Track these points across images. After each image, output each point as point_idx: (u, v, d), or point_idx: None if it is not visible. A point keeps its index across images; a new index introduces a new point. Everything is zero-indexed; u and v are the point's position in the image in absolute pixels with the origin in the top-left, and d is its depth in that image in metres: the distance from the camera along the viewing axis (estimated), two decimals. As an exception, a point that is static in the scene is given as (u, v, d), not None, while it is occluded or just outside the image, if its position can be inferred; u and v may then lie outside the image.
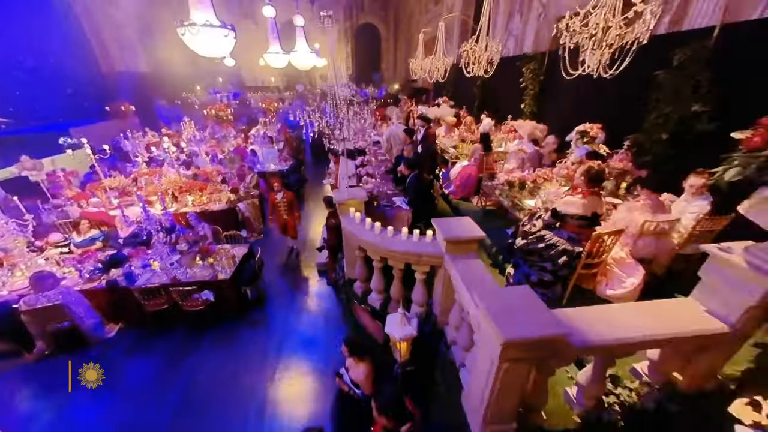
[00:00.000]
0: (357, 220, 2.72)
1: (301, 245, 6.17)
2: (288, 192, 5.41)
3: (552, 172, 3.36)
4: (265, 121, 13.58)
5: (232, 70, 19.65)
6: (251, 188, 7.24)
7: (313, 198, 8.89)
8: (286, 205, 5.36)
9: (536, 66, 5.54)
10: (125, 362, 3.78)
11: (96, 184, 6.20)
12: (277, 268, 5.51)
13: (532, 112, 5.70)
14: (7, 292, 3.74)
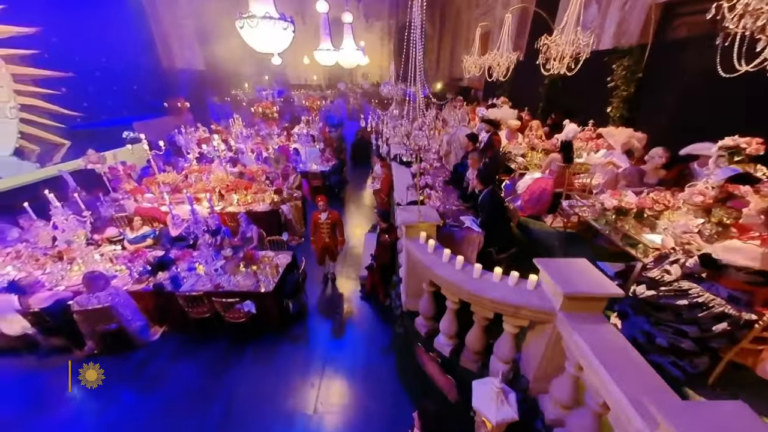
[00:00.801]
0: (430, 249, 2.24)
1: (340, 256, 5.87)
2: (333, 212, 4.65)
3: (674, 196, 2.59)
4: (308, 119, 13.60)
5: (278, 68, 20.14)
6: (294, 189, 7.08)
7: (353, 200, 8.59)
8: (329, 227, 4.61)
9: (631, 62, 4.61)
10: (169, 368, 3.67)
11: (151, 179, 6.36)
12: (319, 279, 5.20)
13: (622, 116, 4.76)
14: (64, 286, 3.77)
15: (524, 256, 3.39)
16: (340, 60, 10.57)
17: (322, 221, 4.56)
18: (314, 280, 5.05)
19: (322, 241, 4.66)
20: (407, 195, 3.45)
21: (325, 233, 4.60)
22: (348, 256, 5.88)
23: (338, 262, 5.67)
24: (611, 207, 2.68)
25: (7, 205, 6.26)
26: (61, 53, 10.80)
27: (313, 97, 15.16)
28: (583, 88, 5.56)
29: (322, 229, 4.59)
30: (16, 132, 9.08)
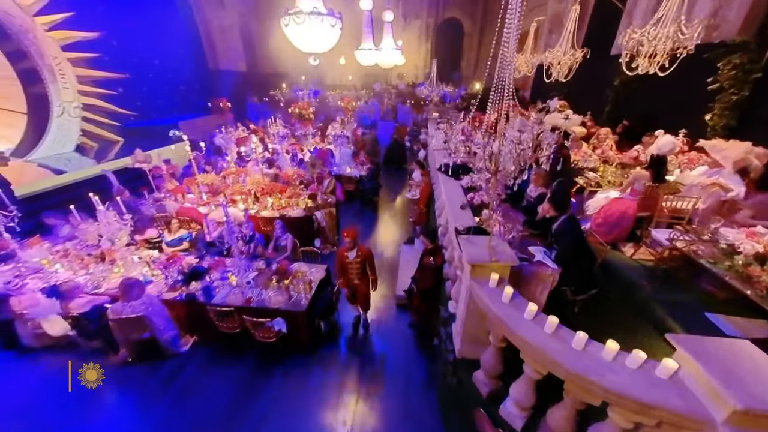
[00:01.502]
0: (506, 298, 1.77)
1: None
2: (363, 248, 3.77)
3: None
4: (343, 120, 13.47)
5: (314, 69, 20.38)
6: (328, 193, 6.85)
7: (387, 207, 8.21)
8: (358, 266, 3.75)
9: (746, 59, 3.69)
10: (197, 383, 3.54)
11: (191, 179, 6.43)
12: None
13: (727, 126, 3.86)
14: (104, 289, 3.76)
15: (603, 296, 2.79)
16: (380, 60, 10.26)
17: (350, 260, 3.71)
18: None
19: (350, 281, 3.86)
20: (461, 216, 2.97)
21: (354, 274, 3.77)
22: (381, 268, 5.50)
23: None
24: (748, 252, 2.02)
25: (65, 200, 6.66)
26: (120, 56, 11.54)
27: (349, 98, 15.04)
28: (669, 91, 4.67)
29: (351, 270, 3.76)
30: (78, 130, 9.79)
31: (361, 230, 6.94)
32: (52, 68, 8.89)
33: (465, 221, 2.88)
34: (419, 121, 15.56)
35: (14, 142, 8.76)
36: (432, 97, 14.04)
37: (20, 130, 8.88)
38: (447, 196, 3.45)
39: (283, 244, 4.57)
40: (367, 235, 6.64)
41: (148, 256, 4.14)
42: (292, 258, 4.68)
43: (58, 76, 9.06)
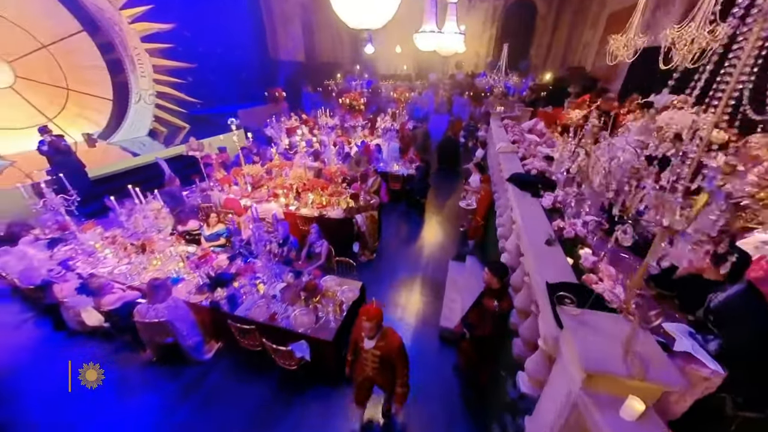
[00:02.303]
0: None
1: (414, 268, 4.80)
2: (390, 338, 2.42)
3: None
4: (394, 112, 12.79)
5: (370, 58, 19.86)
6: (372, 193, 6.29)
7: (435, 211, 7.39)
8: (376, 360, 2.42)
9: None
10: (218, 393, 3.29)
11: (237, 169, 6.36)
12: (384, 316, 4.25)
13: None
14: (138, 282, 3.68)
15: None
16: (440, 45, 9.28)
17: (367, 351, 2.43)
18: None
19: (363, 373, 2.59)
20: (549, 261, 2.09)
21: (369, 366, 2.50)
22: (424, 285, 4.80)
23: (410, 289, 4.66)
24: None
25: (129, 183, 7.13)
26: (190, 46, 12.25)
27: (402, 89, 14.27)
28: None
29: (365, 361, 2.50)
30: (151, 116, 10.61)
31: (404, 236, 6.31)
32: (132, 58, 9.65)
33: (558, 270, 2.02)
34: (477, 115, 14.18)
35: (101, 125, 9.77)
36: (495, 87, 12.59)
37: (106, 115, 9.87)
38: (523, 221, 2.58)
39: (317, 251, 4.14)
40: (411, 243, 5.97)
41: (184, 251, 4.00)
42: (326, 266, 4.23)
43: (137, 65, 9.82)
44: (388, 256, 5.58)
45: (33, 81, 8.22)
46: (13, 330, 3.87)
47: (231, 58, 14.48)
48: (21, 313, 3.98)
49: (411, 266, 5.26)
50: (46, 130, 5.49)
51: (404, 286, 4.79)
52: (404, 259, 5.47)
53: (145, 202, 5.05)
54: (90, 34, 9.11)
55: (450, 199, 7.97)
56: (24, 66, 8.01)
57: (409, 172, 7.56)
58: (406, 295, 4.59)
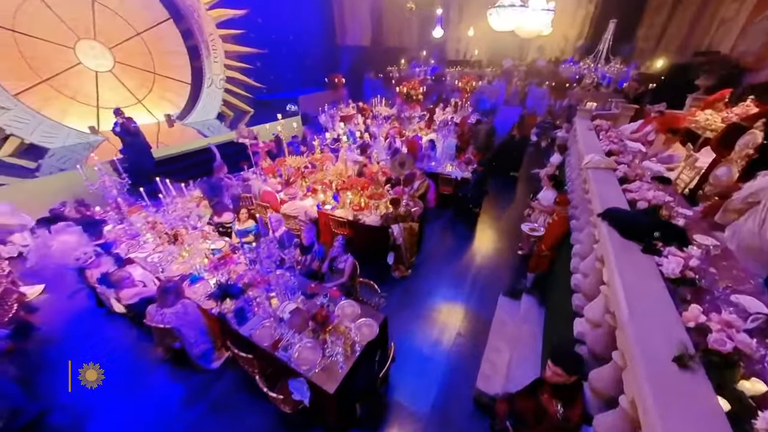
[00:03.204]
0: None
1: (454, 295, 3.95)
2: None
3: None
4: (457, 102, 11.55)
5: (438, 42, 18.42)
6: (416, 198, 5.55)
7: (489, 225, 6.31)
8: None
9: None
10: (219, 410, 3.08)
11: (282, 159, 6.18)
12: (409, 354, 3.55)
13: None
14: (164, 275, 3.63)
15: None
16: (520, 25, 7.79)
17: None
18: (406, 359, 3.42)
19: None
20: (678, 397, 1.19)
21: None
22: (463, 319, 3.97)
23: (445, 323, 3.85)
24: None
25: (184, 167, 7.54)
26: (262, 32, 12.62)
27: (469, 76, 12.81)
28: None
29: None
30: (220, 100, 11.25)
31: (448, 252, 5.44)
32: (207, 44, 10.21)
33: (699, 418, 1.12)
34: (557, 109, 12.07)
35: (179, 107, 10.67)
36: (586, 77, 10.38)
37: (184, 98, 10.74)
38: (628, 302, 1.62)
39: (340, 267, 3.62)
40: (455, 261, 5.11)
41: (207, 249, 3.84)
42: (348, 285, 3.70)
43: (211, 50, 10.38)
44: (425, 273, 4.84)
45: (128, 65, 9.20)
46: (67, 299, 4.22)
47: (299, 43, 14.65)
48: (77, 283, 4.30)
49: (451, 292, 4.45)
50: (119, 112, 5.95)
51: (439, 316, 4.03)
52: (444, 281, 4.67)
53: (188, 190, 5.14)
54: (175, 21, 9.84)
55: (509, 211, 6.77)
56: (121, 52, 8.98)
57: (464, 175, 6.56)
58: (439, 329, 3.84)
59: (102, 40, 8.55)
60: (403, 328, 3.78)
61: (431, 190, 6.41)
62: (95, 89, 8.65)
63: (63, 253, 3.30)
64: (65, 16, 7.81)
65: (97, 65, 8.60)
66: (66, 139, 7.91)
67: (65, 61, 8.00)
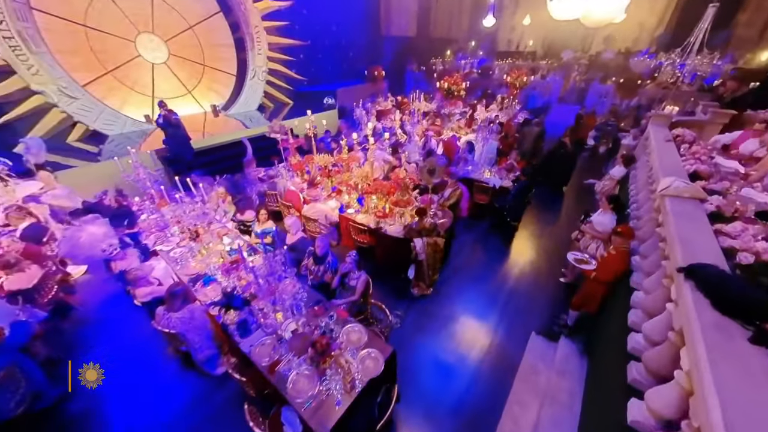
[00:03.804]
0: None
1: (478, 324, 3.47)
2: None
3: None
4: (504, 98, 10.58)
5: (488, 32, 17.09)
6: (446, 207, 5.07)
7: (528, 243, 5.59)
8: None
9: None
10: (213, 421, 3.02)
11: (310, 156, 6.03)
12: (418, 391, 3.17)
13: None
14: (181, 273, 3.64)
15: None
16: (588, 12, 6.73)
17: None
18: (414, 398, 3.07)
19: None
20: None
21: None
22: (486, 355, 3.49)
23: (464, 358, 3.38)
24: None
25: (217, 159, 7.72)
26: (306, 23, 12.62)
27: (520, 70, 11.65)
28: None
29: None
30: (262, 91, 11.50)
31: (477, 270, 4.89)
32: (252, 36, 10.40)
33: None
34: (623, 110, 10.52)
35: (225, 98, 11.11)
36: (662, 72, 8.74)
37: (229, 89, 11.14)
38: (723, 414, 1.10)
39: (352, 284, 3.34)
40: (483, 283, 4.58)
41: (223, 250, 3.79)
42: (360, 303, 3.42)
43: (255, 43, 10.57)
44: (448, 293, 4.39)
45: (180, 57, 9.71)
46: (103, 282, 4.48)
47: (342, 34, 14.46)
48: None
49: (475, 319, 3.97)
50: (163, 104, 6.21)
51: (457, 347, 3.59)
52: (469, 304, 4.19)
53: (214, 186, 5.19)
54: (224, 14, 10.15)
55: (553, 228, 5.96)
56: (175, 44, 9.47)
57: (503, 184, 5.90)
58: (457, 363, 3.40)
59: (159, 33, 9.07)
60: (414, 358, 3.42)
61: (464, 197, 5.87)
62: (151, 80, 9.26)
63: (91, 244, 3.44)
64: (128, 11, 8.37)
65: (153, 57, 9.17)
66: (123, 127, 8.59)
67: (127, 54, 8.62)
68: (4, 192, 4.77)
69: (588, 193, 6.72)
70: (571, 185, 7.29)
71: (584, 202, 6.45)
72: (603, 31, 15.39)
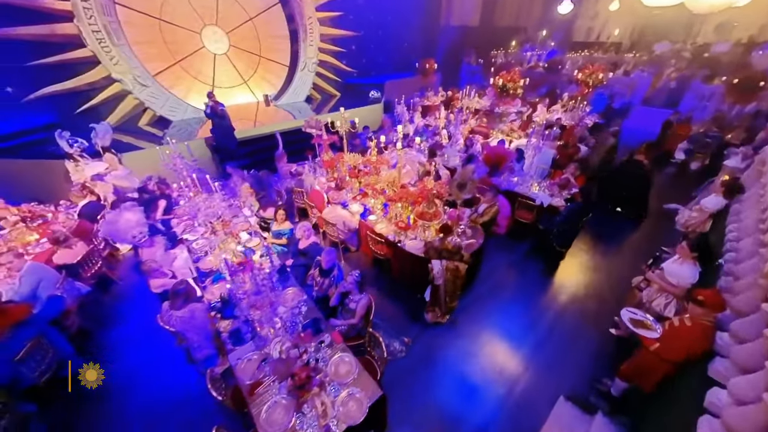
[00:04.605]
0: None
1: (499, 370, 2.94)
2: None
3: None
4: (571, 98, 9.18)
5: (563, 20, 15.01)
6: (479, 223, 4.47)
7: (574, 275, 4.71)
8: None
9: None
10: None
11: (339, 155, 5.84)
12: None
13: None
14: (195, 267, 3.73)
15: None
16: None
17: None
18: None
19: None
20: None
21: None
22: (501, 412, 2.97)
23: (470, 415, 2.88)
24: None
25: (260, 148, 7.92)
26: (362, 13, 12.39)
27: (596, 66, 9.96)
28: None
29: None
30: (311, 83, 11.65)
31: (506, 299, 4.25)
32: (305, 27, 10.49)
33: None
34: (732, 117, 8.39)
35: (276, 89, 11.49)
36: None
37: (281, 79, 11.48)
38: None
39: (351, 307, 3.05)
40: (511, 319, 3.96)
41: (235, 249, 3.78)
42: (360, 327, 3.12)
43: (308, 34, 10.65)
44: (467, 323, 3.88)
45: (239, 49, 10.20)
46: (141, 261, 4.87)
47: (398, 25, 13.91)
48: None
49: (492, 364, 3.42)
50: (211, 95, 6.51)
51: (464, 396, 3.11)
52: (488, 343, 3.63)
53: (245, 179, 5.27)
54: (282, 5, 10.36)
55: (610, 261, 4.95)
56: (235, 36, 9.97)
57: (553, 203, 5.05)
58: (460, 419, 2.94)
59: (222, 25, 9.60)
60: (413, 399, 3.04)
61: (504, 213, 5.17)
62: (212, 70, 9.90)
63: (125, 230, 3.68)
64: (196, 5, 8.96)
65: (216, 48, 9.76)
66: (185, 114, 9.35)
67: (193, 45, 9.30)
68: (75, 170, 5.43)
69: (665, 221, 5.46)
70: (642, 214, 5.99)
71: (658, 235, 5.25)
72: (714, 18, 12.51)
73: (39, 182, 5.79)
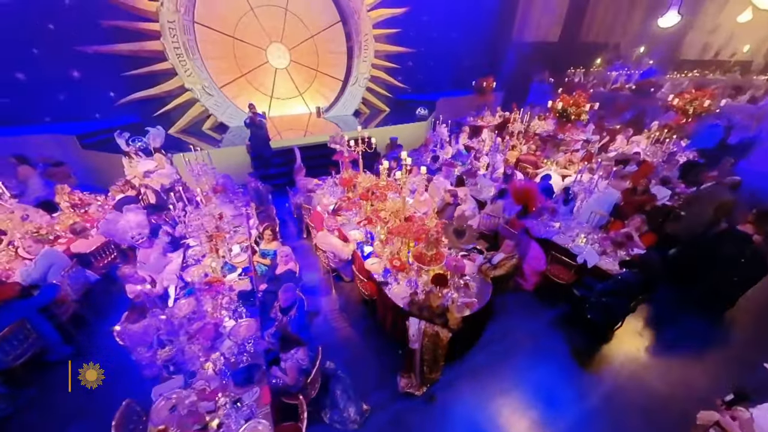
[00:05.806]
0: None
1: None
2: None
3: None
4: (663, 128, 7.34)
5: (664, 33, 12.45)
6: (488, 277, 3.63)
7: (618, 366, 3.45)
8: None
9: None
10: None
11: (356, 173, 5.52)
12: None
13: None
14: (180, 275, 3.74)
15: None
16: None
17: None
18: None
19: None
20: None
21: None
22: None
23: None
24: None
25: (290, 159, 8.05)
26: (423, 31, 12.17)
27: (704, 90, 7.83)
28: None
29: None
30: (360, 97, 11.77)
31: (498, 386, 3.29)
32: (361, 44, 10.65)
33: None
34: None
35: (329, 101, 11.91)
36: None
37: (334, 93, 11.86)
38: None
39: (282, 366, 2.60)
40: (503, 417, 3.02)
41: (210, 267, 3.67)
42: (299, 386, 2.64)
43: (363, 50, 10.79)
44: (448, 405, 3.08)
45: (299, 64, 10.85)
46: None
47: (463, 41, 13.30)
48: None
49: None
50: (252, 106, 6.88)
51: None
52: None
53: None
54: (343, 23, 10.74)
55: (671, 365, 3.50)
56: (296, 52, 10.64)
57: (601, 264, 3.87)
58: None
59: (285, 42, 10.34)
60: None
61: (534, 264, 4.18)
62: (272, 83, 10.70)
63: (123, 230, 3.92)
64: (265, 24, 9.81)
65: (278, 63, 10.53)
66: (241, 121, 10.22)
67: (258, 60, 10.18)
68: (129, 166, 6.18)
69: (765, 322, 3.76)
70: (743, 305, 4.19)
71: (753, 343, 3.61)
72: None
73: (110, 173, 6.79)
